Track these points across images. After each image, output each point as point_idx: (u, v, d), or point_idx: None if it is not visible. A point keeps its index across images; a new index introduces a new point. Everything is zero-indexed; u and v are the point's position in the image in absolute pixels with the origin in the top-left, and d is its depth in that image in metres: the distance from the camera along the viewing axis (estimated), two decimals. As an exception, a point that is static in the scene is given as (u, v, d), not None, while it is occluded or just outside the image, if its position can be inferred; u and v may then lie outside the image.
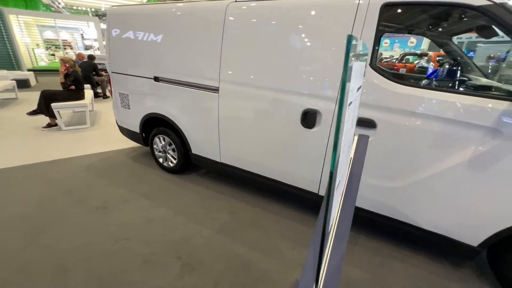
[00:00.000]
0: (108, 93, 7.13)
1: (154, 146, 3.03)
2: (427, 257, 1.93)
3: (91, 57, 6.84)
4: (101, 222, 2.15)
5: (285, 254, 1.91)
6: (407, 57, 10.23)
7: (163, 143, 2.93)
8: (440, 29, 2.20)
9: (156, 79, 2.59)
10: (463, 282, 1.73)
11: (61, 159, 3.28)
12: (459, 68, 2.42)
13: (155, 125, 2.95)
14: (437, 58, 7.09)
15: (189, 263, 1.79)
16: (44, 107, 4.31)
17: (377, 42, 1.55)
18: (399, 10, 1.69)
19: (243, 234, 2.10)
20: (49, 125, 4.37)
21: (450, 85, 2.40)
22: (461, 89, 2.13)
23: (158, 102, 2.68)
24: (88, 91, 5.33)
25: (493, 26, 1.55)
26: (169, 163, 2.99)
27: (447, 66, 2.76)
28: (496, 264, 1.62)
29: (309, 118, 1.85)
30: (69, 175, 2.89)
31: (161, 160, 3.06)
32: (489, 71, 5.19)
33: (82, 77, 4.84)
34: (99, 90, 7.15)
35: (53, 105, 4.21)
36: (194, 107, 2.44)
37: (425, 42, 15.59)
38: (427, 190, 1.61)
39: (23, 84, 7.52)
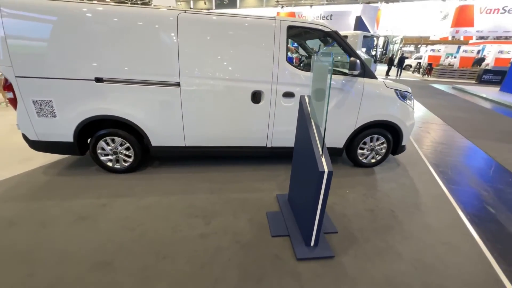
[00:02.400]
0: None
1: (99, 151, 2.91)
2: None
3: None
4: (95, 227, 2.17)
5: (260, 187, 2.89)
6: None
7: (112, 145, 2.90)
8: (306, 38, 3.75)
9: (99, 80, 2.57)
10: (341, 167, 3.45)
11: None
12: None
13: (96, 129, 2.84)
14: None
15: (206, 215, 2.38)
16: None
17: (287, 46, 2.73)
18: (294, 29, 2.92)
19: (228, 188, 2.85)
20: None
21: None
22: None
23: (104, 104, 2.66)
24: None
25: (329, 39, 3.12)
26: (123, 163, 3.02)
27: (304, 59, 4.51)
28: (348, 151, 3.41)
29: (256, 96, 2.83)
30: (-14, 212, 2.29)
31: (110, 163, 3.00)
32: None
33: None
34: None
35: None
36: (154, 103, 2.73)
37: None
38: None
39: None
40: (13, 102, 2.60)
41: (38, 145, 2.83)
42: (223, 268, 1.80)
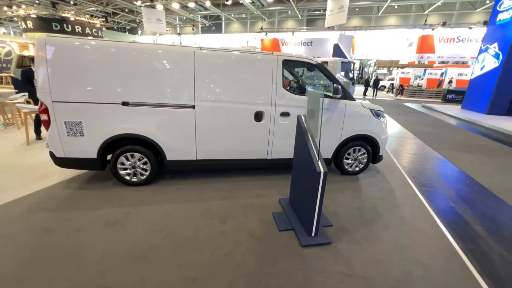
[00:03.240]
0: None
1: (119, 165, 3.24)
2: (315, 173, 4.06)
3: None
4: (125, 230, 2.48)
5: (263, 194, 3.33)
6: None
7: (132, 160, 3.25)
8: (296, 67, 4.45)
9: (125, 103, 3.00)
10: (331, 175, 3.98)
11: (-31, 218, 2.58)
12: (301, 82, 4.84)
13: (118, 146, 3.20)
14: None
15: (221, 217, 2.76)
16: None
17: (283, 75, 3.35)
18: (288, 62, 3.56)
19: (236, 195, 3.27)
20: None
21: (300, 91, 4.74)
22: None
23: (129, 123, 3.06)
24: None
25: (316, 68, 3.80)
26: (140, 176, 3.35)
27: (293, 83, 5.21)
28: (335, 161, 3.97)
29: (258, 116, 3.37)
30: (18, 223, 2.53)
31: (128, 177, 3.32)
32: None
33: None
34: None
35: None
36: (172, 122, 3.17)
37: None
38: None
39: None
40: (46, 123, 2.94)
41: (64, 162, 3.13)
42: (243, 255, 2.19)
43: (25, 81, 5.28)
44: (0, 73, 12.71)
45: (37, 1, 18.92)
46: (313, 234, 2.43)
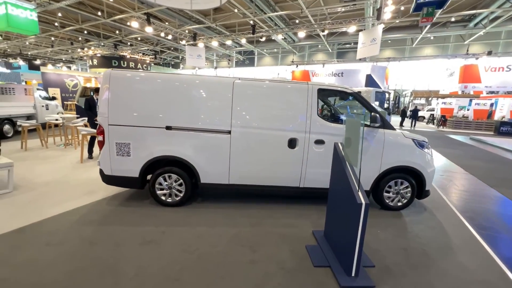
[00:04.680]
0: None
1: (157, 185, 3.42)
2: (351, 205, 3.78)
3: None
4: (159, 249, 2.51)
5: (295, 224, 3.17)
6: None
7: (169, 181, 3.41)
8: (329, 95, 4.49)
9: (169, 128, 3.26)
10: (370, 207, 3.66)
11: (28, 226, 2.87)
12: (334, 111, 4.81)
13: (157, 167, 3.41)
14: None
15: (251, 245, 2.66)
16: None
17: (318, 104, 3.37)
18: (323, 91, 3.63)
19: (266, 222, 3.16)
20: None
21: (333, 119, 4.68)
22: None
23: (170, 146, 3.29)
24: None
25: (351, 98, 3.77)
26: (174, 197, 3.47)
27: (326, 111, 5.20)
28: (374, 194, 3.66)
29: (292, 143, 3.36)
30: (68, 234, 2.73)
31: (163, 197, 3.46)
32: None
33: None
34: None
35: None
36: (209, 146, 3.33)
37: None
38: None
39: None
40: (101, 144, 3.30)
41: (110, 179, 3.41)
42: (275, 289, 2.04)
43: (86, 108, 6.10)
44: (67, 102, 14.95)
45: (102, 44, 22.52)
46: (353, 274, 2.19)
